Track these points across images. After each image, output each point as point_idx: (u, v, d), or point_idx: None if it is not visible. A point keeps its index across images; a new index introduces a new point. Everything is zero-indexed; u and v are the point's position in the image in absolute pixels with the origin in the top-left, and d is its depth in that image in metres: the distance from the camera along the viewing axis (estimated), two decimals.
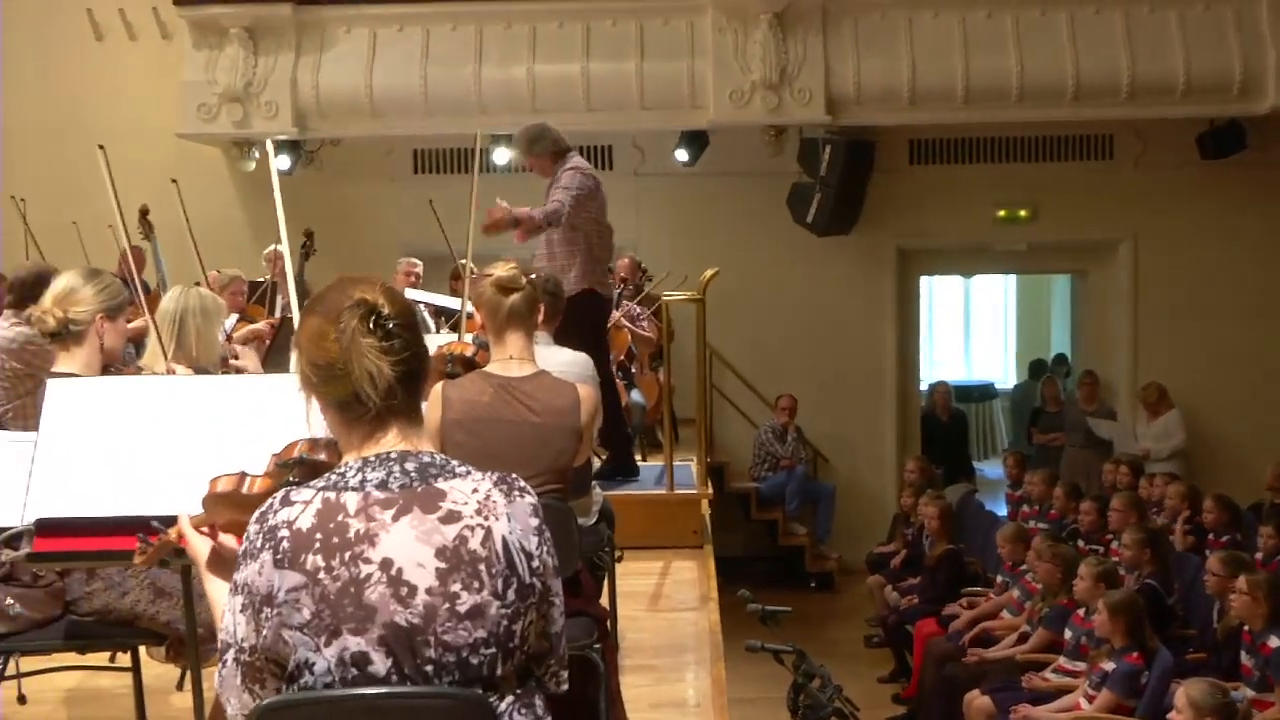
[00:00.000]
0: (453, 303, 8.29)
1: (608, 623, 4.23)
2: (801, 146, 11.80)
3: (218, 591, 2.26)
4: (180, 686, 4.54)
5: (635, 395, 9.20)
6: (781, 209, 12.02)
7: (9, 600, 3.65)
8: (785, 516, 12.07)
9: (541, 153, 6.92)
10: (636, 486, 7.26)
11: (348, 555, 1.99)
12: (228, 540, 2.33)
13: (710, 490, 7.48)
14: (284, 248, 2.83)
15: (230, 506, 2.32)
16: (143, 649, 3.99)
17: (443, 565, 2.02)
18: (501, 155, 11.63)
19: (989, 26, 11.02)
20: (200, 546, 2.33)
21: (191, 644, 3.27)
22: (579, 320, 6.06)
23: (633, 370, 9.59)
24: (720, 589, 6.29)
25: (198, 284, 6.89)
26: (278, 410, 3.03)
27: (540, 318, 3.98)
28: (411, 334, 2.14)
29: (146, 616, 3.69)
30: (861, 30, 11.07)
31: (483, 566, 2.04)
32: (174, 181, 7.42)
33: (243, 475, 2.33)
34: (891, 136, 12.16)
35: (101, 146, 4.11)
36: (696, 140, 11.79)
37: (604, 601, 4.60)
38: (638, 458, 8.82)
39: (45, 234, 9.43)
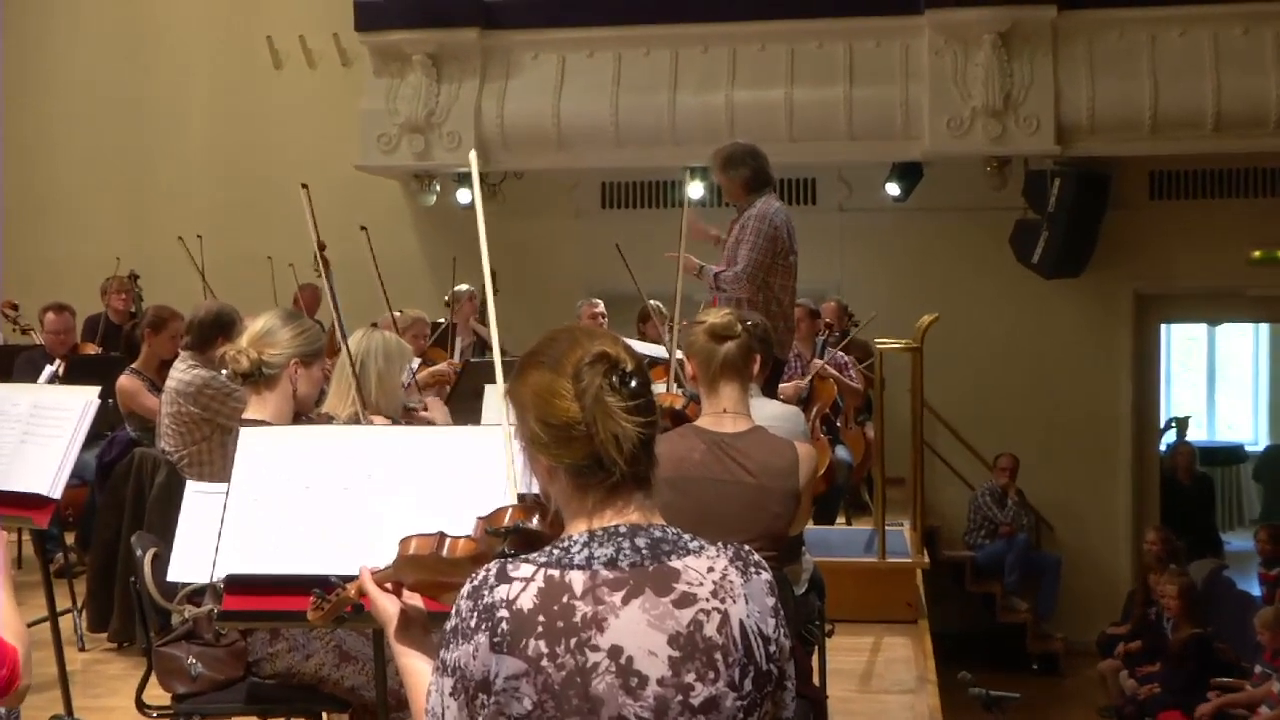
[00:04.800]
0: (649, 349, 8.33)
1: (824, 704, 4.17)
2: (1027, 179, 11.60)
3: (409, 661, 2.27)
4: None
5: (840, 451, 9.09)
6: (1004, 248, 11.82)
7: (191, 659, 3.75)
8: (1004, 590, 11.81)
9: (735, 178, 6.90)
10: (846, 553, 7.18)
11: (574, 642, 1.96)
12: (414, 600, 2.34)
13: (925, 558, 7.35)
14: (489, 291, 2.85)
15: (425, 569, 2.31)
16: (325, 715, 4.06)
17: (676, 654, 1.98)
18: (696, 190, 11.70)
19: (1245, 44, 10.67)
20: (388, 608, 2.32)
21: (381, 713, 3.31)
22: None
23: (838, 424, 9.49)
24: (935, 669, 6.17)
25: (374, 325, 7.06)
26: (479, 465, 3.06)
27: (755, 368, 3.95)
28: (651, 394, 2.12)
29: (330, 681, 3.75)
30: (1096, 50, 10.84)
31: (719, 655, 2.00)
32: (363, 229, 7.64)
33: (441, 536, 2.31)
34: (1129, 168, 11.87)
35: (305, 185, 4.24)
36: (910, 173, 11.70)
37: (814, 680, 4.54)
38: (841, 520, 8.78)
39: (219, 269, 9.81)
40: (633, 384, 2.08)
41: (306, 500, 3.18)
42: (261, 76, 13.02)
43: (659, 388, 5.21)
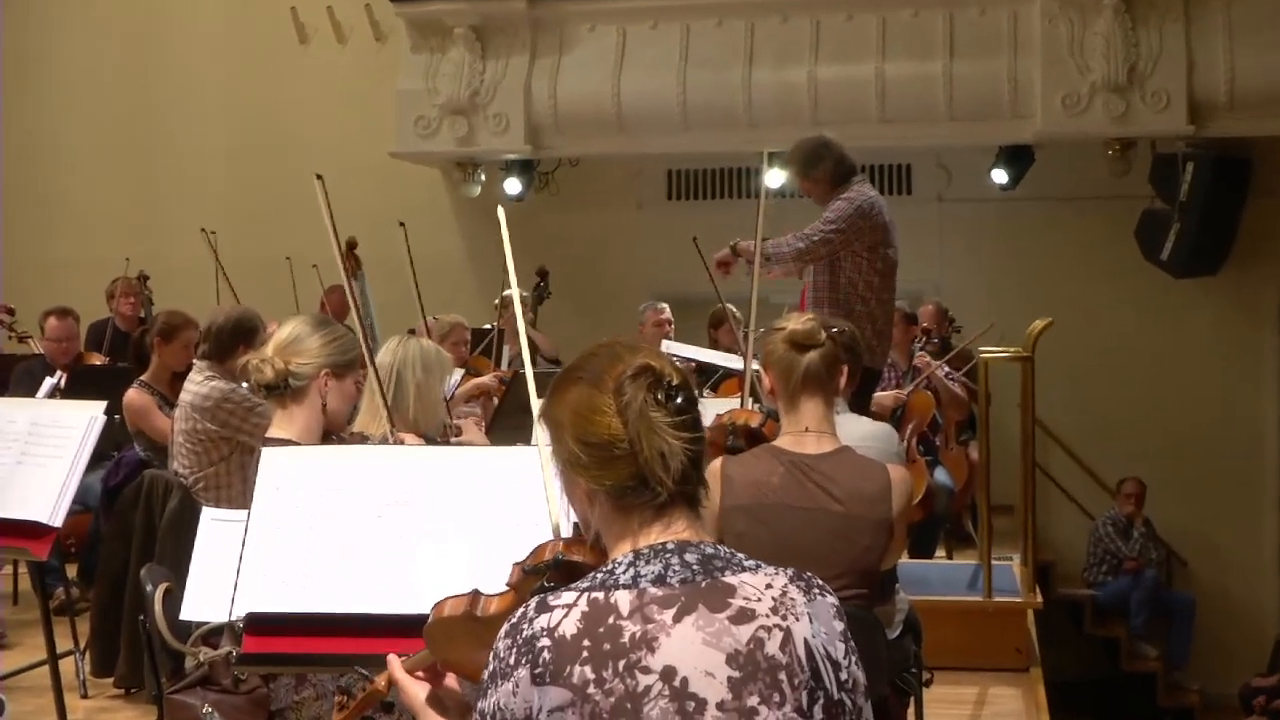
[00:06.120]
0: (723, 359, 8.33)
1: None
2: (1155, 164, 11.52)
3: None
4: None
5: (940, 475, 9.07)
6: (1128, 243, 11.75)
7: (207, 708, 3.78)
8: (1130, 633, 11.72)
9: (820, 176, 6.89)
10: (946, 591, 7.15)
11: (622, 665, 2.00)
12: (450, 683, 2.38)
13: (1037, 597, 7.31)
14: (514, 291, 2.87)
15: (459, 635, 2.34)
16: None
17: (736, 674, 2.02)
18: (774, 178, 11.68)
19: None
20: (418, 695, 2.38)
21: None
22: None
23: (937, 444, 9.46)
24: None
25: (411, 331, 7.12)
26: (530, 491, 3.07)
27: (842, 380, 3.95)
28: (698, 411, 2.20)
29: None
30: (1236, 14, 10.74)
31: (783, 675, 2.03)
32: (402, 225, 7.71)
33: (475, 595, 2.34)
34: (1274, 150, 11.74)
35: (319, 176, 4.28)
36: (1018, 157, 11.65)
37: None
38: (941, 553, 8.74)
39: (236, 270, 9.91)
40: (679, 399, 2.16)
41: (336, 529, 3.20)
42: (285, 53, 13.16)
43: (732, 403, 5.21)
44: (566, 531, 2.39)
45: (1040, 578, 9.21)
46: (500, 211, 2.92)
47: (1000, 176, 11.86)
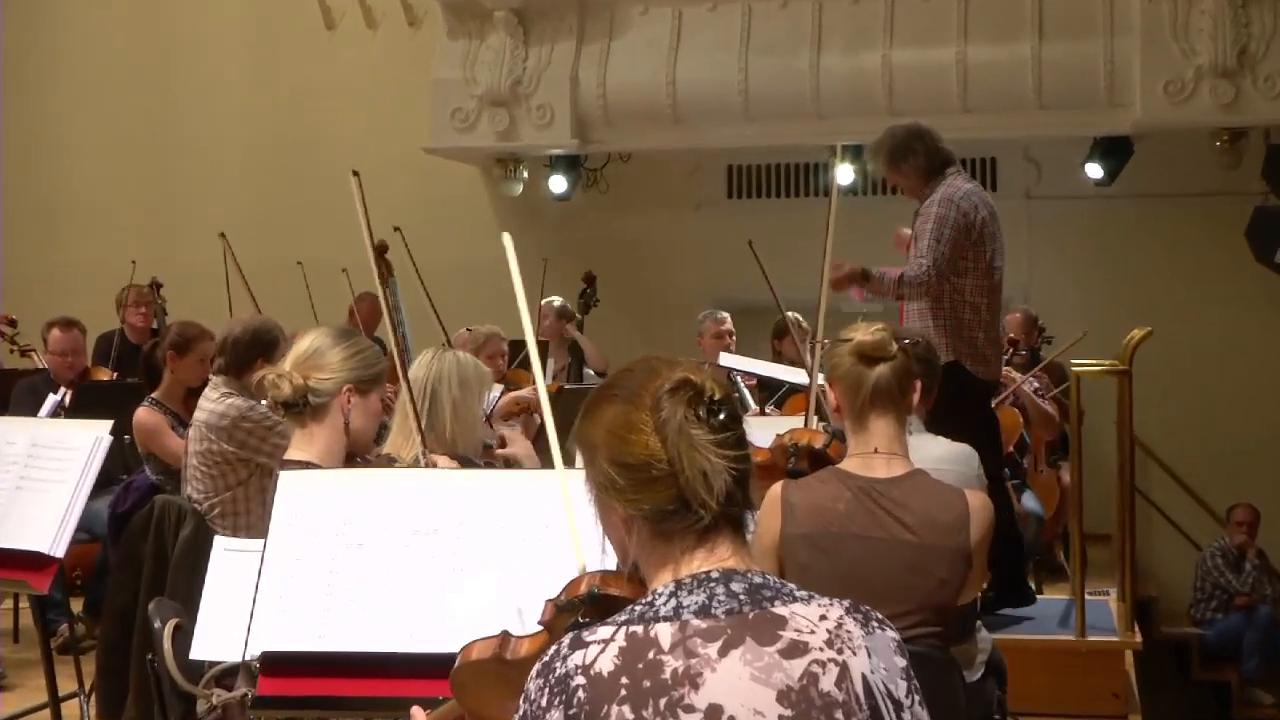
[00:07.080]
0: (788, 374, 8.32)
1: None
2: (1268, 156, 11.44)
3: None
4: None
5: (1028, 500, 9.03)
6: (1238, 243, 11.65)
7: None
8: (1242, 678, 11.60)
9: (910, 171, 6.90)
10: (1034, 629, 7.11)
11: (663, 703, 2.01)
12: None
13: (1137, 637, 7.27)
14: (534, 313, 2.87)
15: (489, 681, 2.37)
16: None
17: (788, 713, 2.02)
18: (845, 173, 11.67)
19: None
20: None
21: None
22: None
23: (1024, 465, 9.42)
24: None
25: (446, 344, 7.14)
26: (573, 518, 3.07)
27: (915, 397, 3.94)
28: (742, 427, 2.22)
29: None
30: None
31: (839, 714, 2.04)
32: (397, 229, 7.70)
33: (505, 636, 2.38)
34: None
35: (356, 173, 4.30)
36: (1115, 150, 11.60)
37: None
38: (1031, 585, 8.69)
39: (256, 276, 9.95)
40: (721, 415, 2.18)
41: (359, 561, 3.22)
42: (310, 40, 13.23)
43: (795, 421, 5.19)
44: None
45: (1140, 615, 9.16)
46: (506, 239, 2.90)
47: (1095, 171, 11.81)
